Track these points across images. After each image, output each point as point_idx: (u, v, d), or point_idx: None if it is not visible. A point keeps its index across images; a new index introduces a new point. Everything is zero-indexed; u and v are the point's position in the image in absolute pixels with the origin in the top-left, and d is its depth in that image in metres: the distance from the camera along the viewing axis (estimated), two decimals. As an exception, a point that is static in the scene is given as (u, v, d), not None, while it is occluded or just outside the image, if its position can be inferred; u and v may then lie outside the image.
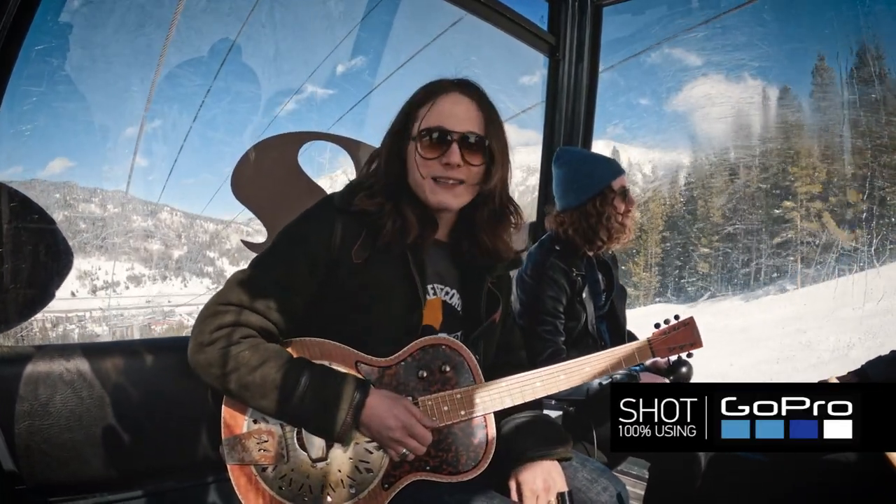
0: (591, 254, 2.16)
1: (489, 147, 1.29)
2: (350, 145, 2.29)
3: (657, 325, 1.61)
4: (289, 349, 1.22)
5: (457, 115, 1.27)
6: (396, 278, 1.26)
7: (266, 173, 2.09)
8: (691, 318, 1.58)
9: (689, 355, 1.63)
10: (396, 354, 1.23)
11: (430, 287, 1.33)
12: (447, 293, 1.37)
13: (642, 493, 2.26)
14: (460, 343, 1.27)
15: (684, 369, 2.08)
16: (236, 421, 1.20)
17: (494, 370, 1.36)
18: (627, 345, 1.50)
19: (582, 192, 2.10)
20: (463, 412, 1.23)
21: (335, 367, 1.21)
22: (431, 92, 1.30)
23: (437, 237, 1.36)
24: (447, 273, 1.38)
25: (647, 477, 2.21)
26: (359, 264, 1.23)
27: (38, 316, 1.72)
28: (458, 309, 1.38)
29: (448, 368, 1.24)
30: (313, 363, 1.20)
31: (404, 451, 1.18)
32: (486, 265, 1.38)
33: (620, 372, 1.94)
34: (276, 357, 1.17)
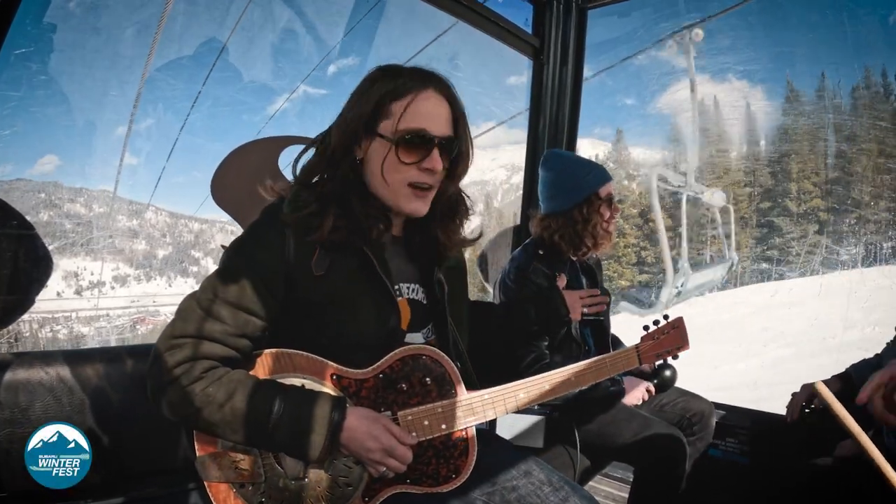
0: (574, 258, 2.17)
1: (459, 149, 1.26)
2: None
3: (646, 328, 1.59)
4: (258, 364, 1.17)
5: (436, 117, 1.21)
6: (364, 285, 1.21)
7: (246, 178, 2.07)
8: (680, 320, 1.56)
9: (675, 357, 1.61)
10: (375, 366, 1.19)
11: (396, 287, 1.28)
12: (412, 289, 1.33)
13: (626, 495, 2.27)
14: (441, 353, 1.22)
15: (668, 373, 2.10)
16: (209, 440, 1.17)
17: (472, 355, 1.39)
18: (614, 353, 1.48)
19: (569, 197, 2.10)
20: (444, 426, 1.20)
21: (309, 381, 1.17)
22: (405, 87, 1.19)
23: (394, 234, 1.33)
24: (407, 269, 1.34)
25: (630, 479, 2.22)
26: (320, 276, 1.17)
27: (25, 317, 1.71)
28: (424, 302, 1.35)
29: (429, 380, 1.20)
30: (284, 387, 1.14)
31: (384, 469, 1.15)
32: (437, 257, 1.35)
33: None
34: (243, 387, 1.11)
